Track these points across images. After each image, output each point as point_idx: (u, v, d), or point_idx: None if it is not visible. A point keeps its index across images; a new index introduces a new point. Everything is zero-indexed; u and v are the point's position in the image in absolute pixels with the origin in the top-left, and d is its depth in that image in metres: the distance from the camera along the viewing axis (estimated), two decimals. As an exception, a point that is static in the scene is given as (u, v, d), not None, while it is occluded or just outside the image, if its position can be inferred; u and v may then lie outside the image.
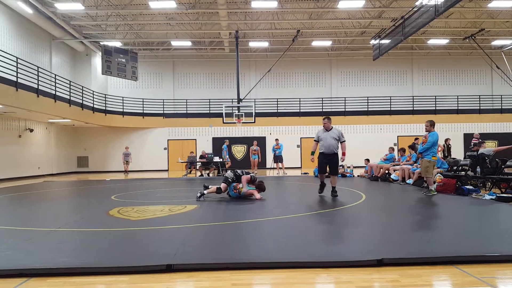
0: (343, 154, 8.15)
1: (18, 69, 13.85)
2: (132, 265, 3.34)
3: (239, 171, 8.09)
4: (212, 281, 3.07)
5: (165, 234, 4.68)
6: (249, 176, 7.97)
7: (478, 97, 23.71)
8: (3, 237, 4.60)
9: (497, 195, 7.39)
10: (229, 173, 8.05)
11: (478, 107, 23.62)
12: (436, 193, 8.32)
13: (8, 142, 16.24)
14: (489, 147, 20.66)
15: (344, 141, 8.20)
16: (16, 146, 16.76)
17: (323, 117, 8.24)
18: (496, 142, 23.02)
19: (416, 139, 14.78)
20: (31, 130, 17.77)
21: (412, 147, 12.53)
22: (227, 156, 18.16)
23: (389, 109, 23.48)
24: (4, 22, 15.86)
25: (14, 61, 13.82)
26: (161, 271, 3.26)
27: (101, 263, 3.45)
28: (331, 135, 8.09)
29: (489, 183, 9.14)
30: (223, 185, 7.92)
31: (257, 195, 7.77)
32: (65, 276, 3.21)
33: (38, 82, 15.01)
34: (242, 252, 3.79)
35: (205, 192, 7.90)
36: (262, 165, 20.78)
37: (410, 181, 10.81)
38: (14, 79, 13.57)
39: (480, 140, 12.82)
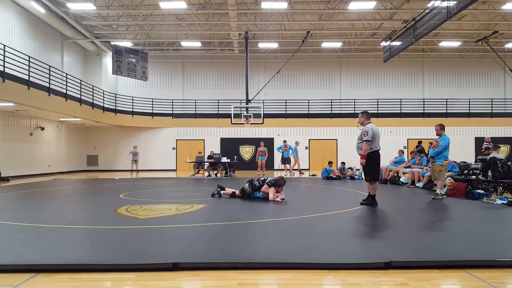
0: (360, 156, 6.91)
1: (30, 68, 14.07)
2: (139, 263, 3.35)
3: (256, 182, 8.02)
4: (218, 280, 3.07)
5: (172, 233, 4.69)
6: (266, 185, 7.84)
7: (490, 100, 23.37)
8: (14, 233, 4.66)
9: (509, 199, 7.26)
10: (246, 187, 8.03)
11: (490, 111, 23.26)
12: (445, 196, 8.21)
13: (20, 140, 16.49)
14: (502, 151, 20.38)
15: (366, 140, 6.76)
16: (28, 144, 17.00)
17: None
18: (508, 146, 22.67)
19: (419, 142, 14.58)
20: (42, 129, 18.01)
21: (420, 151, 12.36)
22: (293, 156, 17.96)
23: (399, 111, 23.27)
24: (18, 22, 16.11)
25: (27, 60, 14.05)
26: (167, 269, 3.27)
27: (108, 260, 3.47)
28: (358, 135, 7.10)
29: (501, 188, 8.99)
30: (237, 194, 8.19)
31: (279, 197, 7.67)
32: (72, 272, 3.23)
33: (49, 81, 15.23)
34: (248, 252, 3.78)
35: (222, 193, 8.27)
36: (269, 166, 20.77)
37: (420, 184, 10.70)
38: (26, 77, 13.79)
39: (491, 143, 12.58)
